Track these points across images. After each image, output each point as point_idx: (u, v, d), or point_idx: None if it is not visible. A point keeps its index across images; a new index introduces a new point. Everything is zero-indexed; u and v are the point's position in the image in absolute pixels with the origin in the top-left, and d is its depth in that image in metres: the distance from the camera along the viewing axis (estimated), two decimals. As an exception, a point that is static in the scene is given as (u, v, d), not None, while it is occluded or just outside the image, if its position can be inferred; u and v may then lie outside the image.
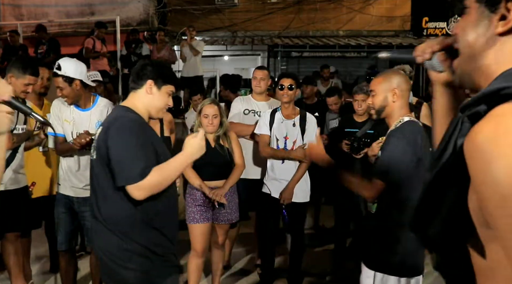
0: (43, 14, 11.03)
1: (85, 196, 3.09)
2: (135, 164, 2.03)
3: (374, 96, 2.41)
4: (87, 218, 3.14)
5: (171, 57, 9.17)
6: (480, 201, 0.81)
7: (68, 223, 3.34)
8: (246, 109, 4.14)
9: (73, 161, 3.30)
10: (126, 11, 10.93)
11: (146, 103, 2.22)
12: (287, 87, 3.65)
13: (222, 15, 11.87)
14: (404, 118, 2.36)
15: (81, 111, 3.30)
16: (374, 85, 2.42)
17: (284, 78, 3.73)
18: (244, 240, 4.92)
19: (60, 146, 3.33)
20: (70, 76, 3.14)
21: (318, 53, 11.96)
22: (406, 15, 12.12)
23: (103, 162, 2.11)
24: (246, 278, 4.18)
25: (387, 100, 2.37)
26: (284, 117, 3.74)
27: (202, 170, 3.40)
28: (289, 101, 3.71)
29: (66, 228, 3.34)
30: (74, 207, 3.31)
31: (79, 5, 11.13)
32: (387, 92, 2.36)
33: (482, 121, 0.81)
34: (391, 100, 2.37)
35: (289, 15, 12.01)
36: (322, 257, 4.61)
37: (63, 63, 3.17)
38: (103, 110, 3.30)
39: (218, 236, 3.61)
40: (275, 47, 11.45)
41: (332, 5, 12.01)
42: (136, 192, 2.03)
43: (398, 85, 2.37)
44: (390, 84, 2.37)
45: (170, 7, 11.68)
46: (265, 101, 4.20)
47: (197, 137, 2.15)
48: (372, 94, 2.42)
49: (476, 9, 0.93)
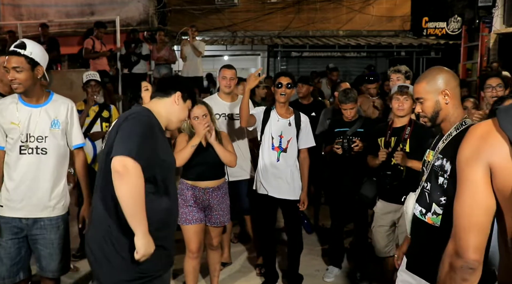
0: (43, 14, 11.03)
1: (37, 217, 2.76)
2: (130, 144, 2.00)
3: (422, 104, 2.15)
4: (40, 242, 2.78)
5: (171, 57, 9.16)
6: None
7: (14, 251, 2.78)
8: (216, 114, 4.10)
9: (20, 173, 2.74)
10: (126, 11, 10.93)
11: (170, 112, 2.32)
12: (285, 86, 3.65)
13: (222, 15, 11.87)
14: (466, 122, 2.11)
15: (31, 107, 2.76)
16: (420, 92, 2.17)
17: (282, 76, 3.72)
18: (244, 240, 4.92)
19: None
20: (35, 59, 2.67)
21: (318, 53, 11.96)
22: (406, 15, 12.12)
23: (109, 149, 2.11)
24: (246, 278, 4.18)
25: (439, 104, 2.13)
26: (279, 116, 3.75)
27: (194, 170, 3.39)
28: (285, 101, 3.71)
29: (12, 259, 2.77)
30: (24, 231, 2.79)
31: (79, 5, 11.13)
32: (437, 96, 2.12)
33: None
34: (444, 102, 2.12)
35: (289, 15, 12.01)
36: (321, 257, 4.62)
37: (29, 43, 2.68)
38: (61, 108, 2.83)
39: (212, 238, 3.59)
40: (275, 47, 11.45)
41: (332, 5, 12.02)
42: (117, 165, 1.96)
43: (447, 84, 2.12)
44: (437, 86, 2.13)
45: (170, 7, 11.68)
46: (234, 101, 4.20)
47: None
48: (419, 102, 2.17)
49: None
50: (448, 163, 2.06)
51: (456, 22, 11.58)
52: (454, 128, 2.12)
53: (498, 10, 9.87)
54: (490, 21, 9.90)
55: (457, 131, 2.10)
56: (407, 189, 3.30)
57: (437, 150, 2.17)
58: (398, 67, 4.24)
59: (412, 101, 3.40)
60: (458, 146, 1.73)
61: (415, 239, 2.28)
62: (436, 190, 2.12)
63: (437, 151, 2.16)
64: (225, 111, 4.15)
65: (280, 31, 12.09)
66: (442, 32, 11.81)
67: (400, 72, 4.15)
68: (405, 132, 3.37)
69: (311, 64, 11.58)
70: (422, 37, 11.83)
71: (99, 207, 2.18)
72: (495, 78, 3.70)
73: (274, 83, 3.75)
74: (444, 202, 2.09)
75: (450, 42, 11.19)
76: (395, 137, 3.42)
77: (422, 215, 2.19)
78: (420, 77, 2.24)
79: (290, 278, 3.95)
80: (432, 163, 2.17)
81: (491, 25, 9.88)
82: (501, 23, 9.85)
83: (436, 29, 11.89)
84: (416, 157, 3.28)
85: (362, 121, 4.05)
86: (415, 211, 2.24)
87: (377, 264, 3.87)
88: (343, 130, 4.03)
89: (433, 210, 2.13)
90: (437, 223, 2.12)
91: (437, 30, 11.88)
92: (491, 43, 9.79)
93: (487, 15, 10.07)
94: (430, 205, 2.14)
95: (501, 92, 3.62)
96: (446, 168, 2.08)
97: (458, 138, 1.95)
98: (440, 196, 2.11)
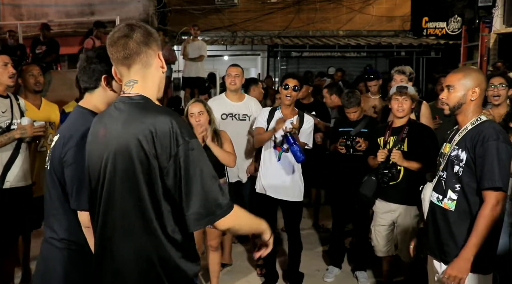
0: (43, 14, 11.04)
1: None
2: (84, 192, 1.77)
3: (451, 92, 2.33)
4: None
5: (171, 57, 9.16)
6: None
7: None
8: (223, 114, 4.09)
9: None
10: (126, 11, 10.92)
11: (107, 99, 2.05)
12: (291, 88, 3.62)
13: (222, 15, 11.87)
14: (482, 117, 2.31)
15: None
16: (453, 81, 2.33)
17: (289, 78, 3.68)
18: (244, 240, 4.92)
19: None
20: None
21: (318, 53, 11.97)
22: (406, 15, 12.13)
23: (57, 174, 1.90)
24: (246, 279, 4.17)
25: (465, 98, 2.30)
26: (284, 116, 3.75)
27: None
28: (290, 104, 3.70)
29: None
30: None
31: (79, 5, 11.14)
32: (468, 90, 2.29)
33: None
34: (470, 98, 2.30)
35: (289, 15, 12.01)
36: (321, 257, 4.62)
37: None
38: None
39: (212, 239, 3.58)
40: (275, 47, 11.45)
41: (332, 5, 12.02)
42: (87, 221, 1.77)
43: (479, 84, 2.30)
44: (471, 81, 2.30)
45: (170, 7, 11.68)
46: (241, 101, 4.19)
47: None
48: (450, 90, 2.34)
49: None
50: (463, 153, 2.29)
51: (456, 22, 11.59)
52: (470, 123, 2.32)
53: (498, 10, 9.87)
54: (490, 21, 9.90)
55: (473, 126, 2.30)
56: (405, 188, 3.34)
57: (453, 142, 2.38)
58: (403, 68, 4.22)
59: (411, 102, 3.40)
60: (473, 138, 2.23)
61: (432, 223, 2.45)
62: (451, 178, 2.33)
63: (453, 143, 2.37)
64: (232, 111, 4.14)
65: (280, 31, 12.09)
66: (442, 32, 11.82)
67: (404, 74, 4.13)
68: (403, 132, 3.38)
69: (311, 64, 11.58)
70: (422, 37, 11.83)
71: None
72: (498, 77, 3.70)
73: (281, 84, 3.73)
74: (459, 189, 2.31)
75: (450, 42, 11.19)
76: (394, 137, 3.43)
77: (439, 201, 2.41)
78: (458, 69, 2.49)
79: (291, 277, 3.95)
80: (448, 153, 2.37)
81: (491, 25, 9.88)
82: (501, 23, 9.85)
83: (436, 29, 11.89)
84: (414, 157, 3.29)
85: (366, 121, 4.05)
86: (432, 198, 2.46)
87: (377, 263, 3.88)
88: (347, 130, 4.03)
89: (448, 196, 2.35)
90: (452, 208, 2.33)
91: (437, 30, 11.89)
92: (491, 43, 9.79)
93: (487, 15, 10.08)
94: (446, 191, 2.36)
95: (503, 92, 3.62)
96: (461, 158, 2.29)
97: (473, 132, 2.27)
98: (455, 183, 2.32)
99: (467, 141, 2.26)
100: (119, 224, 1.56)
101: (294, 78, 3.69)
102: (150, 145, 1.50)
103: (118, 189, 1.56)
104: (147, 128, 1.50)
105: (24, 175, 3.46)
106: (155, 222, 1.53)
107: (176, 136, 1.50)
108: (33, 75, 3.77)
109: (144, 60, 1.61)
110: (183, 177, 1.50)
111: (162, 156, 1.49)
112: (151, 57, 1.63)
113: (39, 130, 3.37)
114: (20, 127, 3.31)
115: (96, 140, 1.65)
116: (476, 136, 2.24)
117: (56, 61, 8.68)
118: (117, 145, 1.55)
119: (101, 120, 1.68)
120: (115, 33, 1.60)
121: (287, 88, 3.64)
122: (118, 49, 1.58)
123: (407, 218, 3.39)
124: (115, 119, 1.59)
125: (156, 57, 1.65)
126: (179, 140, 1.50)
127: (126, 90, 1.63)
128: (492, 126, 2.25)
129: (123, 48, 1.58)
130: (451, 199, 2.33)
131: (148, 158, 1.50)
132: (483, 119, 2.30)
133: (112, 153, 1.56)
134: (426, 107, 4.06)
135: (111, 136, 1.58)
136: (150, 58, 1.63)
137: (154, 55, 1.64)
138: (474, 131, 2.27)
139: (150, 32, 1.63)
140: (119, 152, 1.55)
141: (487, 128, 2.23)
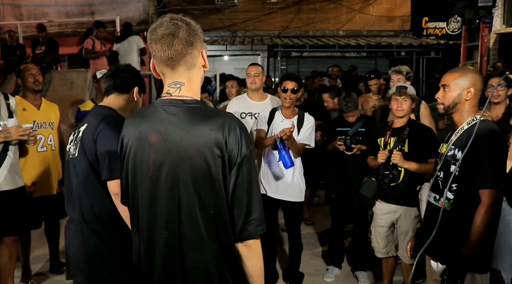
0: (42, 14, 11.03)
1: None
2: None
3: (447, 92, 2.34)
4: None
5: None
6: None
7: None
8: (243, 112, 4.09)
9: None
10: (126, 11, 10.92)
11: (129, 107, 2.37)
12: (290, 91, 3.60)
13: (222, 15, 11.87)
14: (477, 117, 2.31)
15: None
16: (449, 80, 2.34)
17: (287, 80, 3.63)
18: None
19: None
20: None
21: (318, 53, 11.97)
22: (406, 15, 12.12)
23: (88, 158, 2.15)
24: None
25: (460, 98, 2.31)
26: (284, 117, 3.74)
27: None
28: (290, 106, 3.68)
29: None
30: None
31: (79, 5, 11.13)
32: (462, 90, 2.30)
33: None
34: (464, 98, 2.31)
35: (289, 15, 12.01)
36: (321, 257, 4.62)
37: None
38: None
39: None
40: (275, 47, 11.45)
41: (332, 5, 12.02)
42: (117, 188, 1.91)
43: (474, 84, 2.30)
44: (466, 81, 2.31)
45: (170, 7, 11.68)
46: (262, 100, 4.18)
47: None
48: (445, 89, 2.35)
49: None
50: (459, 152, 2.29)
51: (456, 22, 11.59)
52: (466, 123, 2.33)
53: (498, 10, 9.86)
54: (490, 21, 9.89)
55: (469, 125, 2.32)
56: (405, 189, 3.34)
57: (450, 142, 2.39)
58: (399, 68, 4.22)
59: (411, 102, 3.39)
60: (469, 137, 2.19)
61: (429, 222, 2.44)
62: (448, 177, 2.31)
63: (450, 143, 2.38)
64: (252, 110, 4.11)
65: (280, 31, 12.09)
66: (442, 32, 11.82)
67: (401, 73, 4.14)
68: (404, 133, 3.37)
69: (311, 64, 11.59)
70: (422, 37, 11.83)
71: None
72: (497, 78, 3.70)
73: (280, 85, 3.71)
74: (455, 188, 2.31)
75: (450, 42, 11.19)
76: (394, 138, 3.42)
77: (436, 200, 2.43)
78: (455, 69, 2.46)
79: (291, 277, 3.95)
80: (445, 153, 2.38)
81: (491, 25, 9.87)
82: (501, 23, 9.85)
83: (436, 29, 11.89)
84: (414, 157, 3.28)
85: (363, 121, 4.05)
86: (429, 198, 2.48)
87: (376, 264, 3.88)
88: (344, 130, 4.05)
89: (445, 195, 2.33)
90: (449, 207, 2.33)
91: (437, 30, 11.89)
92: (491, 43, 9.79)
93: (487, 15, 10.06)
94: (443, 191, 2.35)
95: (502, 92, 3.61)
96: (458, 157, 2.29)
97: (469, 132, 2.27)
98: (452, 183, 2.31)
99: (463, 141, 2.27)
100: (189, 232, 1.50)
101: (292, 80, 3.63)
102: (224, 152, 1.47)
103: (184, 198, 1.50)
104: (219, 136, 1.46)
105: (13, 177, 3.30)
106: (229, 226, 1.53)
107: (241, 144, 1.49)
108: (32, 75, 3.74)
109: (189, 62, 1.53)
110: (245, 187, 1.51)
111: (231, 163, 1.49)
112: (196, 58, 1.55)
113: (25, 134, 3.18)
114: (5, 130, 3.14)
115: (146, 145, 1.53)
116: (472, 136, 2.23)
117: (56, 61, 8.67)
118: (184, 153, 1.48)
119: (147, 124, 1.55)
120: (159, 29, 1.50)
121: (286, 91, 3.62)
122: (163, 48, 1.49)
123: (408, 219, 3.39)
124: (174, 125, 1.50)
125: (199, 56, 1.58)
126: (243, 149, 1.49)
127: (173, 92, 1.55)
128: (488, 126, 2.26)
129: (168, 48, 1.49)
130: (448, 198, 2.33)
131: (224, 164, 1.48)
132: (480, 119, 2.30)
133: (178, 160, 1.49)
134: (425, 107, 4.06)
135: (174, 142, 1.49)
136: (194, 59, 1.55)
137: (198, 54, 1.56)
138: (470, 131, 2.27)
139: (195, 30, 1.53)
140: (186, 159, 1.48)
141: (483, 128, 2.23)
